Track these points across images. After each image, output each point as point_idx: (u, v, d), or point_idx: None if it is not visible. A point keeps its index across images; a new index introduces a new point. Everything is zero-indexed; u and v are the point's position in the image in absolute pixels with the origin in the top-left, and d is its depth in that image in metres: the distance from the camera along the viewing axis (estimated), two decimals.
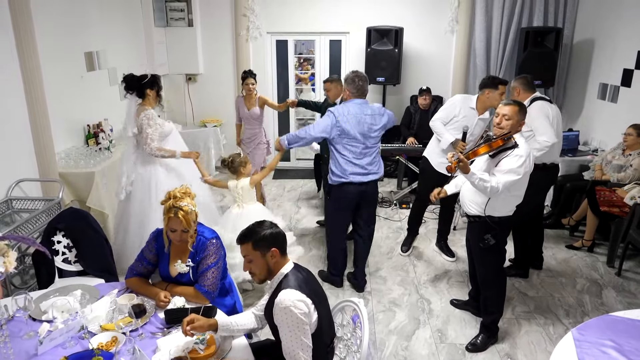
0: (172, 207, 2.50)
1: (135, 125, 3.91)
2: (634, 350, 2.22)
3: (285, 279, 2.15)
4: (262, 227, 2.21)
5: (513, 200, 3.11)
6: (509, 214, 3.13)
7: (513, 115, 2.96)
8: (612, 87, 5.62)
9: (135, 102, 3.96)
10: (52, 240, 3.15)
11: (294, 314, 2.01)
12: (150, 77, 4.01)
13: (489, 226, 3.10)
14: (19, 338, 2.22)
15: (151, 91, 3.99)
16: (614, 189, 4.52)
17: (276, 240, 2.19)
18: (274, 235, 2.19)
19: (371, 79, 6.33)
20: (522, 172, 2.92)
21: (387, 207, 5.83)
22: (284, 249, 2.24)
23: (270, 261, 2.18)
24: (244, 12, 6.63)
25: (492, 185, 2.90)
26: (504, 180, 2.91)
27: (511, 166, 2.92)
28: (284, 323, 2.04)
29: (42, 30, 4.07)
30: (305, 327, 2.05)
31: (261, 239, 2.16)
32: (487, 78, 4.04)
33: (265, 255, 2.16)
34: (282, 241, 2.23)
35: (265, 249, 2.16)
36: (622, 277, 4.23)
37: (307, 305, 2.06)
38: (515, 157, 2.92)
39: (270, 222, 2.27)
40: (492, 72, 6.60)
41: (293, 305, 2.02)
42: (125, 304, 2.38)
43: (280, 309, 2.03)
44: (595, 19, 6.05)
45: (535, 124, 3.75)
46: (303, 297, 2.07)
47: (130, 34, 5.92)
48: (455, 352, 3.29)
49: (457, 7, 6.48)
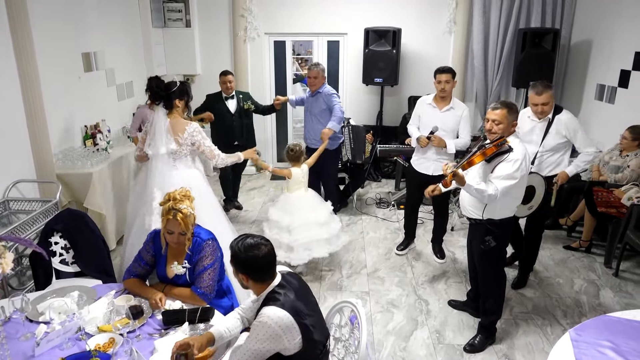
0: (171, 209, 2.50)
1: (178, 142, 3.47)
2: (631, 351, 2.23)
3: (272, 295, 2.08)
4: (245, 247, 2.06)
5: (512, 202, 3.10)
6: (509, 216, 3.12)
7: (502, 119, 2.95)
8: (609, 88, 5.64)
9: (164, 114, 3.50)
10: (50, 241, 3.15)
11: (269, 330, 1.97)
12: (180, 85, 3.52)
13: (489, 229, 3.11)
14: (16, 339, 2.22)
15: (180, 102, 3.54)
16: (612, 190, 4.53)
17: (245, 267, 2.07)
18: (244, 261, 2.06)
19: (369, 80, 6.36)
20: (519, 176, 2.90)
21: (385, 208, 5.84)
22: (258, 276, 2.10)
23: (242, 282, 2.13)
24: (241, 13, 6.63)
25: (489, 193, 2.89)
26: (501, 187, 2.89)
27: (507, 171, 2.90)
28: (254, 331, 2.01)
29: (39, 31, 4.06)
30: (267, 348, 1.99)
31: (234, 259, 2.08)
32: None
33: (237, 274, 2.12)
34: (253, 270, 2.08)
35: (236, 270, 2.10)
36: (620, 277, 4.24)
37: (286, 328, 1.98)
38: (510, 161, 2.90)
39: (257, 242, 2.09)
40: (489, 73, 6.62)
41: (272, 322, 1.97)
42: (123, 305, 2.38)
43: (259, 321, 2.00)
44: (592, 20, 6.07)
45: (578, 135, 3.63)
46: (286, 318, 1.99)
47: (127, 34, 5.91)
48: (453, 352, 3.29)
49: (454, 8, 6.49)
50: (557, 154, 3.73)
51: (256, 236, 2.14)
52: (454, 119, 4.09)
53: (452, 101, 4.10)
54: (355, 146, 5.59)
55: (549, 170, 3.74)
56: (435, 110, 4.13)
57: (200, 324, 2.33)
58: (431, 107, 4.16)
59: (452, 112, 4.09)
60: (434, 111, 4.14)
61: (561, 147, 3.71)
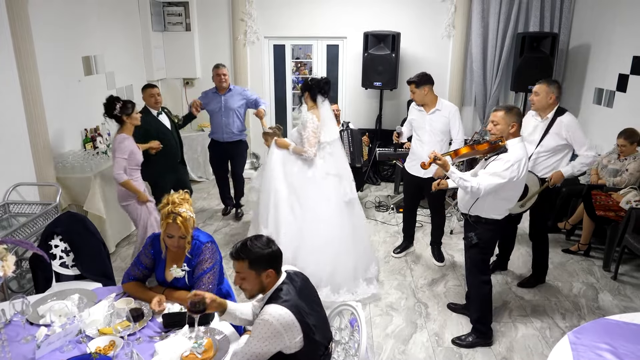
0: (170, 212, 2.48)
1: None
2: (629, 354, 2.24)
3: (276, 293, 2.11)
4: (260, 244, 2.12)
5: (501, 204, 3.13)
6: (496, 217, 3.16)
7: (500, 121, 3.03)
8: (607, 92, 5.66)
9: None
10: (50, 244, 3.15)
11: (271, 327, 1.98)
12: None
13: (474, 225, 3.19)
14: (17, 342, 2.22)
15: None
16: (610, 193, 4.55)
17: (273, 260, 2.12)
18: (272, 255, 2.11)
19: (368, 84, 6.38)
20: (507, 177, 2.94)
21: (384, 211, 5.85)
22: (280, 267, 2.17)
23: (265, 280, 2.12)
24: (241, 17, 6.65)
25: (472, 185, 2.96)
26: (486, 183, 2.94)
27: (496, 169, 2.96)
28: (256, 329, 2.02)
29: (40, 35, 4.08)
30: (269, 347, 2.01)
31: (258, 259, 2.09)
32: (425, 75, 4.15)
33: (260, 275, 2.11)
34: (278, 260, 2.15)
35: (261, 270, 2.10)
36: (618, 280, 4.25)
37: (287, 326, 2.00)
38: (501, 160, 2.97)
39: (267, 238, 2.18)
40: (488, 77, 6.64)
41: (274, 320, 1.99)
42: (123, 307, 2.38)
43: (261, 319, 2.01)
44: (590, 25, 6.10)
45: (577, 138, 3.64)
46: (288, 316, 2.01)
47: (127, 38, 5.93)
48: (452, 355, 3.30)
49: (453, 12, 6.51)
50: (555, 157, 3.74)
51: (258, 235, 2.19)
52: (441, 120, 4.17)
53: (438, 103, 4.18)
54: (354, 150, 5.60)
55: (544, 172, 3.76)
56: (423, 114, 4.23)
57: (201, 327, 2.33)
58: (419, 111, 4.27)
59: (439, 114, 4.18)
60: (421, 114, 4.24)
61: (559, 150, 3.73)
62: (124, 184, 3.73)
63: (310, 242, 3.85)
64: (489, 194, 3.01)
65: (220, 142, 5.30)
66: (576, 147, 3.69)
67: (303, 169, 3.95)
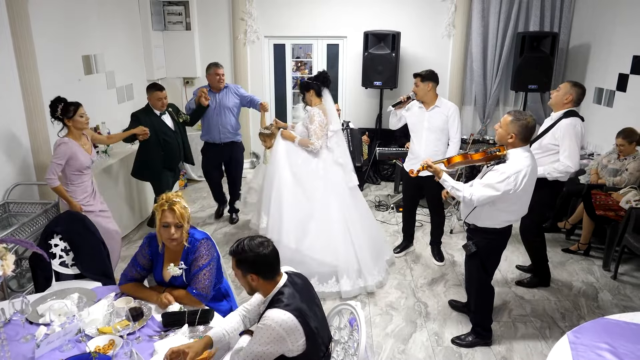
0: (165, 201, 2.50)
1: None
2: (629, 353, 2.24)
3: (277, 297, 2.09)
4: (249, 246, 2.09)
5: (498, 215, 3.00)
6: (495, 227, 3.04)
7: (503, 125, 2.92)
8: (607, 92, 5.66)
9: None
10: (49, 243, 3.15)
11: (274, 332, 1.98)
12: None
13: (471, 234, 3.15)
14: (16, 341, 2.22)
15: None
16: (610, 193, 4.55)
17: (255, 265, 2.07)
18: (256, 259, 2.07)
19: (368, 83, 6.38)
20: (502, 189, 2.80)
21: (384, 210, 5.84)
22: (268, 273, 2.11)
23: (251, 283, 2.12)
24: (241, 16, 6.65)
25: (464, 195, 2.89)
26: (478, 194, 2.85)
27: (490, 180, 2.85)
28: (258, 334, 2.01)
29: (40, 34, 4.08)
30: (270, 350, 2.00)
31: (243, 261, 2.09)
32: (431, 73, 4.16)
33: (245, 276, 2.11)
34: (263, 267, 2.09)
35: (245, 272, 2.10)
36: (618, 280, 4.25)
37: (290, 330, 2.00)
38: (497, 172, 2.84)
39: (261, 241, 2.13)
40: (488, 76, 6.64)
41: (276, 325, 1.98)
42: (123, 307, 2.38)
43: (263, 324, 2.01)
44: (590, 24, 6.10)
45: (565, 142, 3.59)
46: (290, 320, 2.00)
47: (128, 37, 5.93)
48: (452, 355, 3.30)
49: (453, 11, 6.51)
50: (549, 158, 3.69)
51: (255, 236, 2.16)
52: (440, 117, 4.17)
53: (437, 101, 4.20)
54: (354, 149, 5.61)
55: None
56: (422, 110, 4.24)
57: (200, 326, 2.33)
58: (419, 108, 4.27)
59: (438, 111, 4.18)
60: (421, 111, 4.25)
61: (549, 151, 3.71)
62: (55, 189, 3.58)
63: (320, 229, 3.96)
64: (485, 204, 2.91)
65: (215, 144, 5.15)
66: (560, 151, 3.64)
67: (307, 160, 4.10)
